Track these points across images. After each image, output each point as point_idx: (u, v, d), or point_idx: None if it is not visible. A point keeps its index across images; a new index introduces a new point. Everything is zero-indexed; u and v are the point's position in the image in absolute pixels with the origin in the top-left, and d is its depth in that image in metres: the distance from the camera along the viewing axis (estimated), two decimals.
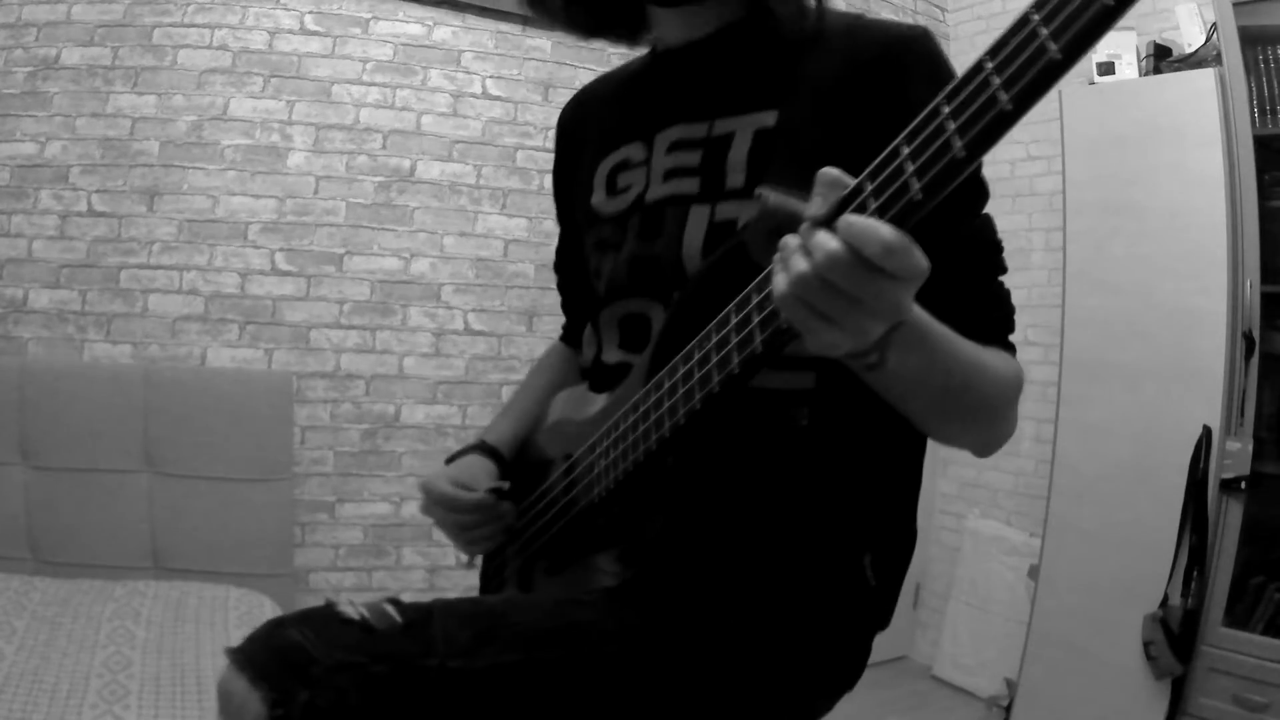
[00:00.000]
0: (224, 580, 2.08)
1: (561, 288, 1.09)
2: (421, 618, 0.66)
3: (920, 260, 0.50)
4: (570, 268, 1.04)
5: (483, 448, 0.99)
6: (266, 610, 1.96)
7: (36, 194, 2.21)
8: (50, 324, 2.23)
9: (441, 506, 0.92)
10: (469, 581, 1.10)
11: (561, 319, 1.12)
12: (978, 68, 0.47)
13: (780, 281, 0.54)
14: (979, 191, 0.77)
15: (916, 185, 0.49)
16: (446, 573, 2.59)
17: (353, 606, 0.65)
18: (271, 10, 2.41)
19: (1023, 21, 0.45)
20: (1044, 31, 0.43)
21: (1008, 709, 2.67)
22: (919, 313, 0.61)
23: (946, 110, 0.48)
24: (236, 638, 1.77)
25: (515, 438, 1.01)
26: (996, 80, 0.46)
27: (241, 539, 2.21)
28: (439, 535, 2.60)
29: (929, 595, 3.28)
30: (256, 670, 0.61)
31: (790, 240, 0.54)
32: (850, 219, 0.50)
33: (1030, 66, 0.44)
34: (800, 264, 0.52)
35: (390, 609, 0.66)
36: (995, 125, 0.46)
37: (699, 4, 0.82)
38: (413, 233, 2.57)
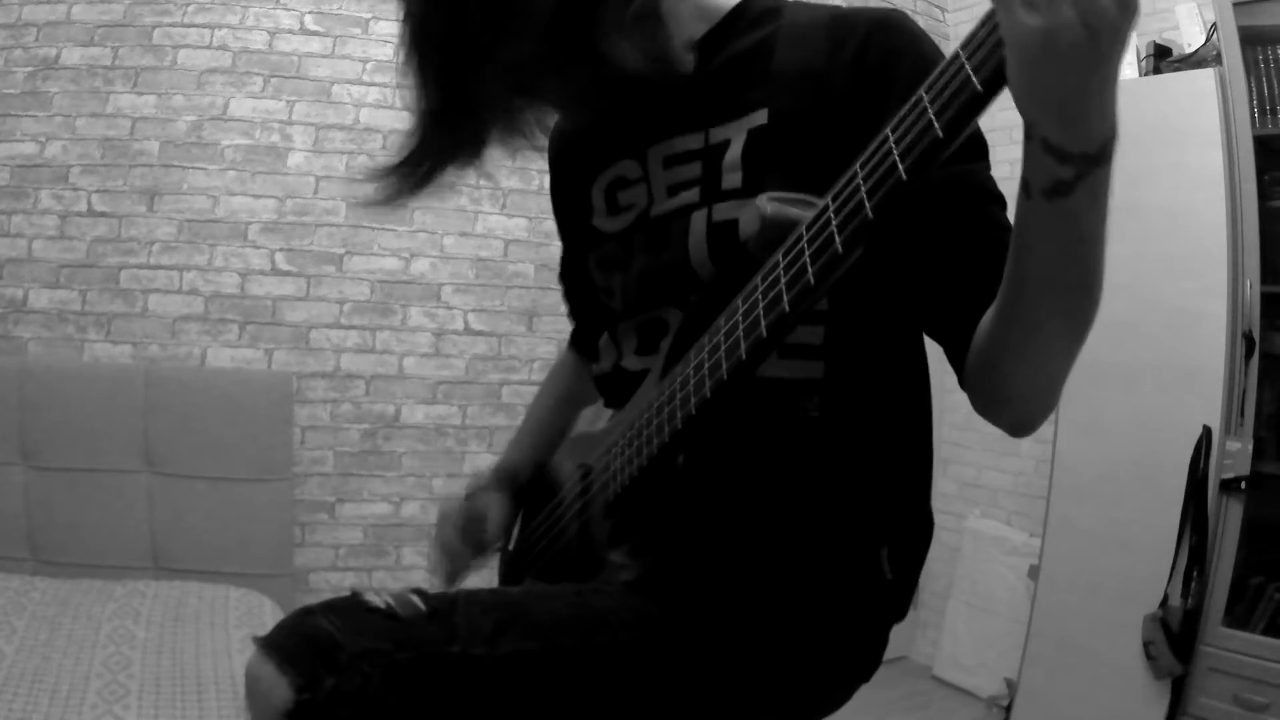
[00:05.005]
0: (224, 580, 2.09)
1: (568, 296, 1.10)
2: (446, 606, 0.68)
3: None
4: (576, 279, 1.05)
5: (504, 483, 1.03)
6: (266, 610, 1.96)
7: (36, 194, 2.21)
8: (50, 324, 2.23)
9: (441, 549, 1.01)
10: (469, 582, 1.11)
11: (562, 321, 1.13)
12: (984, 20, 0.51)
13: None
14: (976, 144, 0.75)
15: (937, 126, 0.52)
16: None
17: (378, 595, 0.66)
18: (271, 10, 2.41)
19: None
20: None
21: (1008, 709, 2.67)
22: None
23: (963, 56, 0.52)
24: (236, 638, 1.78)
25: (533, 463, 1.06)
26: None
27: (241, 539, 2.21)
28: None
29: (929, 595, 3.28)
30: (284, 656, 0.61)
31: None
32: None
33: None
34: None
35: (415, 598, 0.67)
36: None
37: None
38: (413, 233, 2.57)
